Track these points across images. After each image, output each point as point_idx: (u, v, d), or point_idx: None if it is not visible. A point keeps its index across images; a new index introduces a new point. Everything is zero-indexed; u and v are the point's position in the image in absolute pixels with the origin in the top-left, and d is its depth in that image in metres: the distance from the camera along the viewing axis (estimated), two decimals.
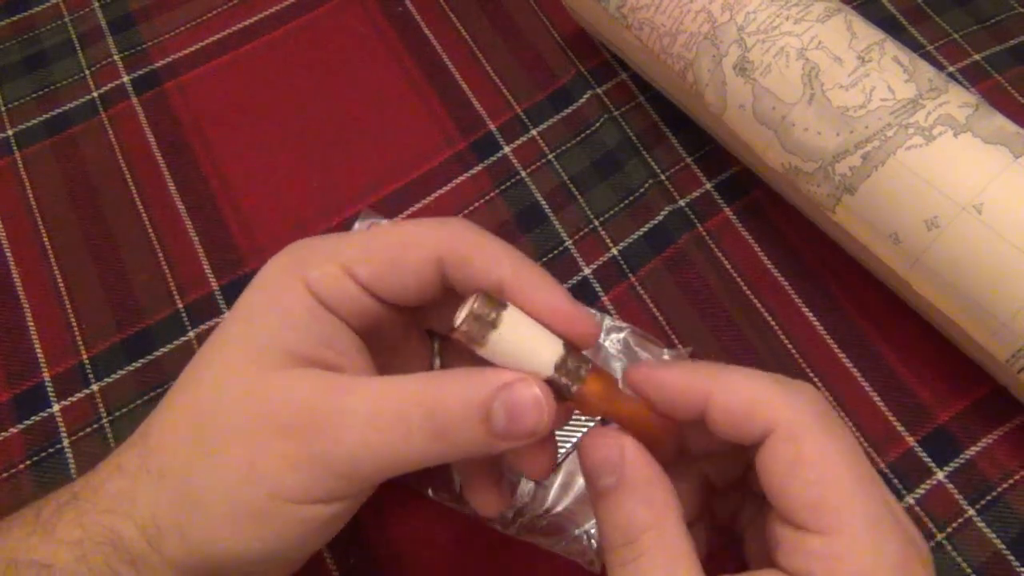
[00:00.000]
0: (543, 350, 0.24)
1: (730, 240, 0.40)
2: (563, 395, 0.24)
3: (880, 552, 0.22)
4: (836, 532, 0.22)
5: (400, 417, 0.23)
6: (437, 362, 0.30)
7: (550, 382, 0.24)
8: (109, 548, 0.24)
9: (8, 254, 0.41)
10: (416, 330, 0.29)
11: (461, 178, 0.42)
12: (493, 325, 0.23)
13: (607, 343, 0.37)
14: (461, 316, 0.23)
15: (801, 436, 0.23)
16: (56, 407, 0.37)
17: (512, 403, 0.23)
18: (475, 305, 0.23)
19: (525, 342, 0.24)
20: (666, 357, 0.36)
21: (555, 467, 0.27)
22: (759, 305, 0.38)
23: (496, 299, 0.24)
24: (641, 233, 0.40)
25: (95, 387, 0.37)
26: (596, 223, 0.41)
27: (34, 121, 0.45)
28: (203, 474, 0.24)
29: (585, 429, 0.35)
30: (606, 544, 0.24)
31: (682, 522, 0.24)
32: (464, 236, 0.26)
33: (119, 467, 0.25)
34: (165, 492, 0.24)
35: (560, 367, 0.24)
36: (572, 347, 0.25)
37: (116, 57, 0.47)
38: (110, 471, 0.25)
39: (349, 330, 0.26)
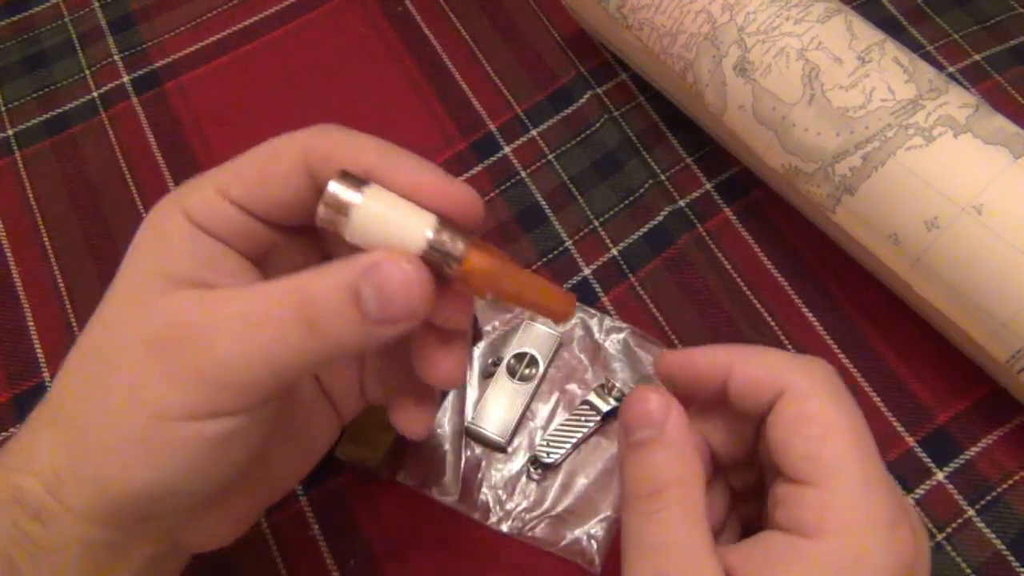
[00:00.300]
0: (412, 226, 0.22)
1: (730, 240, 0.40)
2: (444, 274, 0.23)
3: (870, 509, 0.23)
4: (830, 485, 0.24)
5: (270, 315, 0.22)
6: None
7: (425, 260, 0.22)
8: (14, 506, 0.23)
9: (8, 254, 0.41)
10: (318, 259, 0.28)
11: (461, 178, 0.42)
12: (354, 205, 0.22)
13: (607, 343, 0.37)
14: (321, 201, 0.22)
15: (808, 396, 0.25)
16: None
17: (381, 282, 0.21)
18: (333, 186, 0.22)
19: (392, 220, 0.22)
20: None
21: (466, 375, 0.26)
22: (759, 305, 0.38)
23: (356, 178, 0.22)
24: (641, 233, 0.40)
25: None
26: (596, 223, 0.41)
27: (34, 121, 0.45)
28: (89, 410, 0.23)
29: (586, 429, 0.35)
30: (629, 495, 0.25)
31: (704, 490, 0.25)
32: (327, 135, 0.24)
33: (27, 424, 0.24)
34: (60, 437, 0.23)
35: (434, 243, 0.22)
36: (448, 223, 0.23)
37: (116, 57, 0.47)
38: (20, 431, 0.24)
39: (234, 253, 0.25)
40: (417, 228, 0.22)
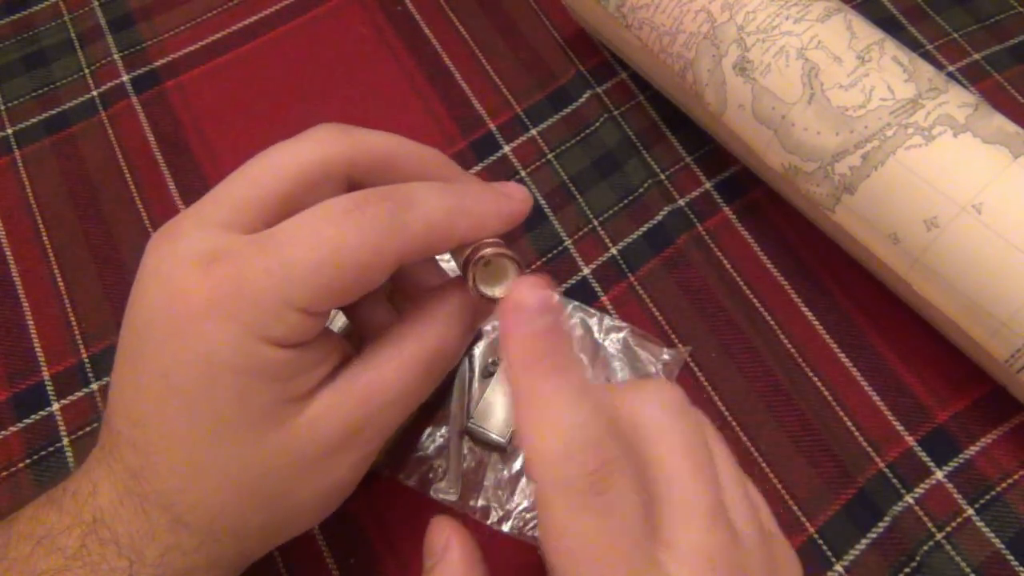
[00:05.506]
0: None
1: (729, 240, 0.40)
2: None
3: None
4: None
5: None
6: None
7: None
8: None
9: (8, 253, 0.41)
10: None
11: None
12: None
13: (607, 343, 0.37)
14: (498, 291, 0.27)
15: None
16: (56, 406, 0.37)
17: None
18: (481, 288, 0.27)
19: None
20: (665, 357, 0.37)
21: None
22: (759, 305, 0.38)
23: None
24: (640, 233, 0.40)
25: (95, 386, 0.37)
26: (595, 223, 0.41)
27: (34, 120, 0.45)
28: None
29: None
30: None
31: None
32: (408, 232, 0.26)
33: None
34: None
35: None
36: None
37: (116, 56, 0.47)
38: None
39: (322, 337, 0.27)
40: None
